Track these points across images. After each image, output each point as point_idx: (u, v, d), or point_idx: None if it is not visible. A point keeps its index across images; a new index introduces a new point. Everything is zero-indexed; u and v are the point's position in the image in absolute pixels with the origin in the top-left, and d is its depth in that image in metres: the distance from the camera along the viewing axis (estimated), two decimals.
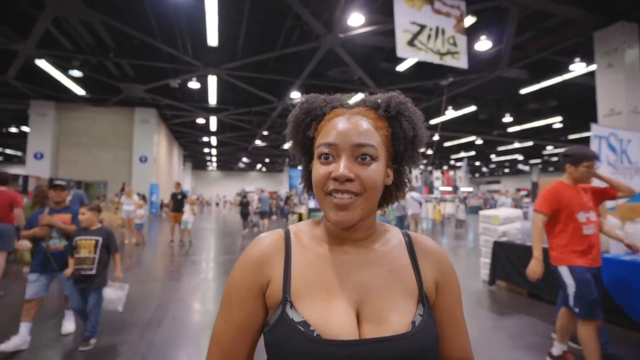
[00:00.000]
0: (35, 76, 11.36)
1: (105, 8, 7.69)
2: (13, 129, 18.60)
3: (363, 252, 0.61)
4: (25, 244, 3.14)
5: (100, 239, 2.82)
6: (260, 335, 0.60)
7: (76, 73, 11.43)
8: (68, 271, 2.75)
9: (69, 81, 11.62)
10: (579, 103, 13.46)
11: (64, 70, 11.03)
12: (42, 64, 10.02)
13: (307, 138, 0.62)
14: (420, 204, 9.53)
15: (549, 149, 23.52)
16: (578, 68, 9.32)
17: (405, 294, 0.58)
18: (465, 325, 0.65)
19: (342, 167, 0.54)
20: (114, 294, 2.87)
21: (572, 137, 18.11)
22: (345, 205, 0.54)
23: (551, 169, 35.96)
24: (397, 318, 0.54)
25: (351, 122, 0.58)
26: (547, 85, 10.78)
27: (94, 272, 2.74)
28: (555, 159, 28.91)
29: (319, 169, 0.57)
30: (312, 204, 10.65)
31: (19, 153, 24.46)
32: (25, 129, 15.60)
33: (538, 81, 10.69)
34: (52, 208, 2.96)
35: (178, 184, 8.83)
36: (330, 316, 0.53)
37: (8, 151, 25.73)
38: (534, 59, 8.94)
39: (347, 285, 0.57)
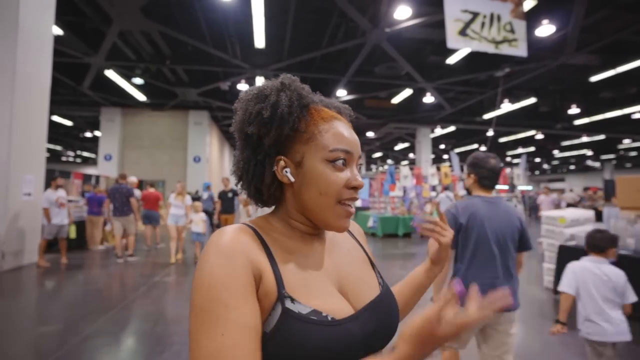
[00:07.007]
0: (105, 85, 12.56)
1: (162, 18, 8.24)
2: (88, 134, 20.85)
3: (322, 240, 0.64)
4: None
5: None
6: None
7: (138, 80, 12.45)
8: None
9: (133, 88, 12.69)
10: None
11: (128, 79, 12.07)
12: (110, 74, 11.06)
13: (292, 130, 0.56)
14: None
15: (626, 142, 20.86)
16: None
17: (365, 265, 0.67)
18: None
19: (359, 177, 0.57)
20: None
21: None
22: (352, 213, 0.58)
23: (628, 165, 31.89)
24: (370, 284, 0.63)
25: (352, 130, 0.61)
26: (625, 70, 9.49)
27: None
28: (634, 153, 25.55)
29: (335, 176, 0.55)
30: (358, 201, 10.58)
31: (92, 155, 27.32)
32: (97, 133, 17.37)
33: (614, 66, 9.46)
34: None
35: (226, 180, 7.14)
36: (327, 300, 0.54)
37: (85, 154, 28.92)
38: (609, 41, 7.92)
39: (326, 269, 0.59)
